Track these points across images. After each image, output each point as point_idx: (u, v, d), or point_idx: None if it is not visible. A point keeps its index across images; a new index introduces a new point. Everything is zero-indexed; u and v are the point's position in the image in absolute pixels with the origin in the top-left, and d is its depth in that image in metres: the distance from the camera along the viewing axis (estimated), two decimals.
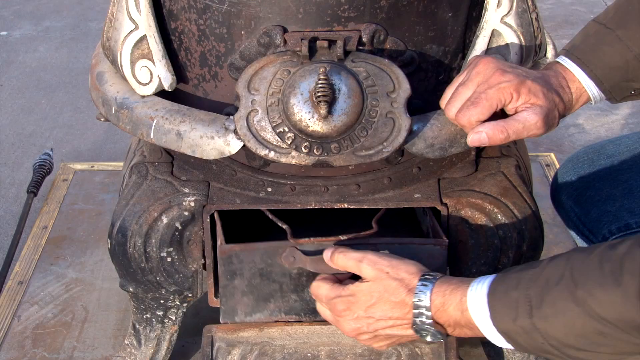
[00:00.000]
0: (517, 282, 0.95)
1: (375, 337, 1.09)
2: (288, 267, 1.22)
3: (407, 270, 1.06)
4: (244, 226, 1.41)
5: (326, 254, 1.14)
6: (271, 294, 1.26)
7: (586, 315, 0.88)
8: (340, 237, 1.21)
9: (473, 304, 0.98)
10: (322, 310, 1.15)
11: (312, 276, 1.20)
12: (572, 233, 1.42)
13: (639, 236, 0.89)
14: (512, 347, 0.99)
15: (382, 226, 1.38)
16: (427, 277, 1.04)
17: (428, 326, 1.03)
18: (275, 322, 1.29)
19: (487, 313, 0.97)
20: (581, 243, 1.40)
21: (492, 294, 0.97)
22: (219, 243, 1.23)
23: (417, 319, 1.03)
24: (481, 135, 1.06)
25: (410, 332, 1.05)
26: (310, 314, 1.28)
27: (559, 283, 0.91)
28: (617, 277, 0.86)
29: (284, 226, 1.22)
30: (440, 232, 1.24)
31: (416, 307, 1.03)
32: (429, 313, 1.02)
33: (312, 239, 1.21)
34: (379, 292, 1.05)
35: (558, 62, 1.13)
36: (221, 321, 1.28)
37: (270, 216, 1.25)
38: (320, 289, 1.13)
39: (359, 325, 1.08)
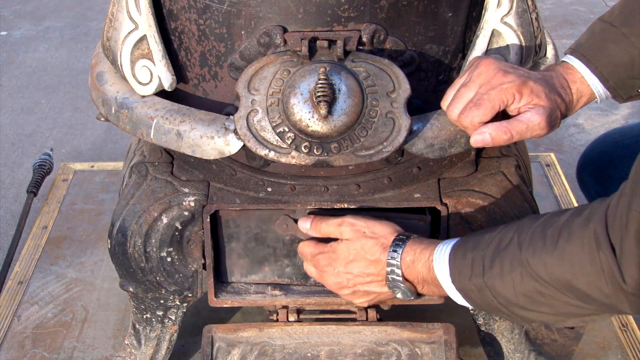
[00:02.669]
0: (475, 244, 1.05)
1: (355, 292, 1.19)
2: (281, 234, 1.29)
3: (383, 230, 1.15)
4: None
5: (304, 224, 1.22)
6: (265, 258, 1.32)
7: (528, 275, 0.97)
8: (334, 206, 1.25)
9: (437, 263, 1.08)
10: (308, 267, 1.24)
11: None
12: None
13: (581, 205, 0.98)
14: (469, 305, 1.08)
15: None
16: (401, 236, 1.13)
17: (399, 282, 1.12)
18: (269, 284, 1.34)
19: (448, 271, 1.07)
20: None
21: (453, 254, 1.07)
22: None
23: (390, 276, 1.12)
24: (485, 136, 1.06)
25: (385, 289, 1.15)
26: (301, 278, 1.33)
27: (508, 246, 1.01)
28: (555, 241, 0.94)
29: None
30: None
31: (389, 264, 1.12)
32: (399, 270, 1.11)
33: (305, 207, 1.26)
34: (356, 250, 1.15)
35: (562, 62, 1.13)
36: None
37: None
38: (306, 247, 1.23)
39: (339, 280, 1.18)
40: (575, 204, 1.89)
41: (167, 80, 1.21)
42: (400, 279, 1.12)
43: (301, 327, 1.33)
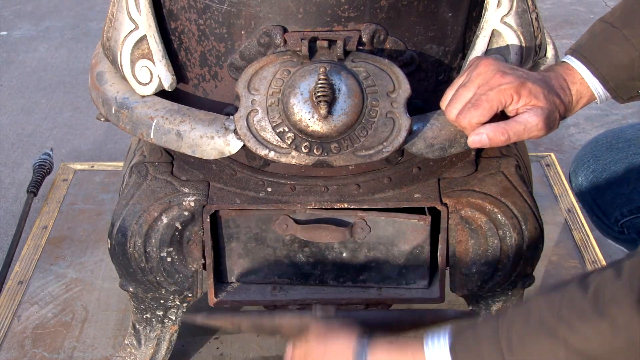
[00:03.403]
0: (482, 331, 0.91)
1: None
2: (281, 234, 1.28)
3: (348, 329, 1.00)
4: None
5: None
6: (265, 258, 1.31)
7: (568, 351, 0.85)
8: (334, 206, 1.24)
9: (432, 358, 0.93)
10: None
11: (304, 243, 1.28)
12: (587, 218, 1.45)
13: (611, 265, 0.87)
14: None
15: None
16: (364, 337, 0.98)
17: None
18: (269, 284, 1.34)
19: None
20: (595, 227, 1.43)
21: (454, 347, 0.92)
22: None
23: None
24: (482, 137, 1.06)
25: None
26: (301, 278, 1.33)
27: (532, 324, 0.87)
28: (601, 309, 0.83)
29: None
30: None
31: None
32: None
33: (304, 207, 1.26)
34: (322, 351, 0.99)
35: (562, 63, 1.13)
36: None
37: None
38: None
39: None
40: (575, 204, 1.89)
41: (167, 80, 1.21)
42: None
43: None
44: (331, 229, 1.26)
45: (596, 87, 1.11)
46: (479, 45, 1.18)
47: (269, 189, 1.25)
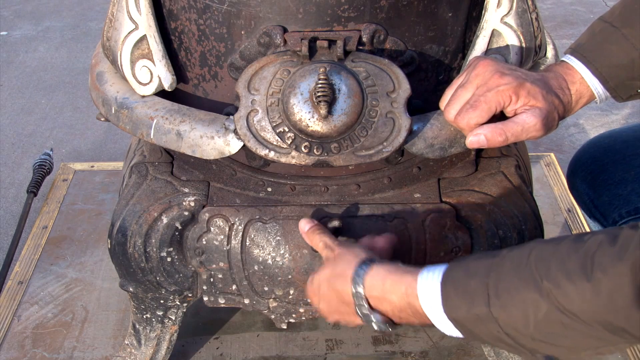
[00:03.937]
0: (474, 270, 0.94)
1: (339, 320, 1.11)
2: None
3: (347, 258, 1.07)
4: None
5: (303, 226, 1.17)
6: None
7: (551, 307, 0.87)
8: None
9: (424, 292, 0.96)
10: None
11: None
12: (587, 218, 1.46)
13: (609, 231, 0.89)
14: (459, 335, 0.97)
15: None
16: (362, 266, 1.04)
17: (369, 316, 1.03)
18: None
19: (439, 301, 0.95)
20: (594, 227, 1.44)
21: (445, 281, 0.95)
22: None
23: (359, 310, 1.04)
24: (480, 138, 1.07)
25: (359, 320, 1.06)
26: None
27: (521, 272, 0.90)
28: (588, 272, 0.85)
29: None
30: None
31: (355, 298, 1.03)
32: (366, 304, 1.03)
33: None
34: (326, 281, 1.08)
35: (561, 62, 1.13)
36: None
37: None
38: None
39: (325, 310, 1.11)
40: (575, 204, 1.89)
41: (167, 80, 1.21)
42: (368, 312, 1.03)
43: None
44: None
45: (596, 86, 1.11)
46: (479, 45, 1.18)
47: (269, 189, 1.25)
